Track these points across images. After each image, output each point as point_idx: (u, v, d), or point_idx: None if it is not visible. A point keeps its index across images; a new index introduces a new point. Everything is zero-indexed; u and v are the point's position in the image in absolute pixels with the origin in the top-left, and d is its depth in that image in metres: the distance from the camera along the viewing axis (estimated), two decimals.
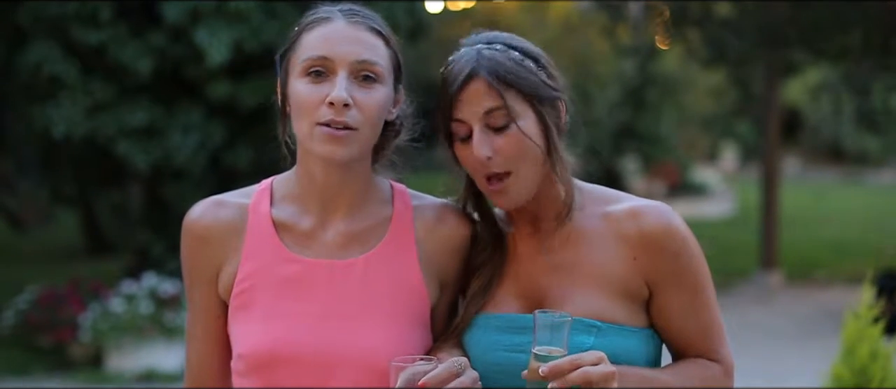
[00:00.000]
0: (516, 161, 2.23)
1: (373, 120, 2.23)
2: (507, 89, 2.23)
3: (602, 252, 2.28)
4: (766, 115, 15.41)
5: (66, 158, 12.05)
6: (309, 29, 2.26)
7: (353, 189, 2.32)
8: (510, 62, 2.25)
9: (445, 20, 17.50)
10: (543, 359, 2.07)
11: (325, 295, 2.28)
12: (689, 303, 2.29)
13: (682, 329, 2.30)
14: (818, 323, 11.97)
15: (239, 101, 9.98)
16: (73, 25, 9.80)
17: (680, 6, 13.46)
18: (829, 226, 20.60)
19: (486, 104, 2.22)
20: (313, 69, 2.22)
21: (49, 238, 17.88)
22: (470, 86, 2.23)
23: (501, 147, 2.22)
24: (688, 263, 2.27)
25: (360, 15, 2.27)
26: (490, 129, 2.23)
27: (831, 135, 31.08)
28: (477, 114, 2.23)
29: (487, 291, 2.34)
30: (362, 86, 2.22)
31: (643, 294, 2.28)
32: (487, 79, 2.22)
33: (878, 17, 11.63)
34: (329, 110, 2.18)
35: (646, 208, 2.28)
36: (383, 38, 2.27)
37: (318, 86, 2.21)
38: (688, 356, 2.32)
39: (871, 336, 4.12)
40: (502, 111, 2.22)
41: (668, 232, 2.26)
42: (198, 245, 2.35)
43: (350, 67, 2.21)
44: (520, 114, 2.23)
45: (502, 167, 2.23)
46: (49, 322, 9.95)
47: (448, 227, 2.37)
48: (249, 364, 2.27)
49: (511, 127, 2.23)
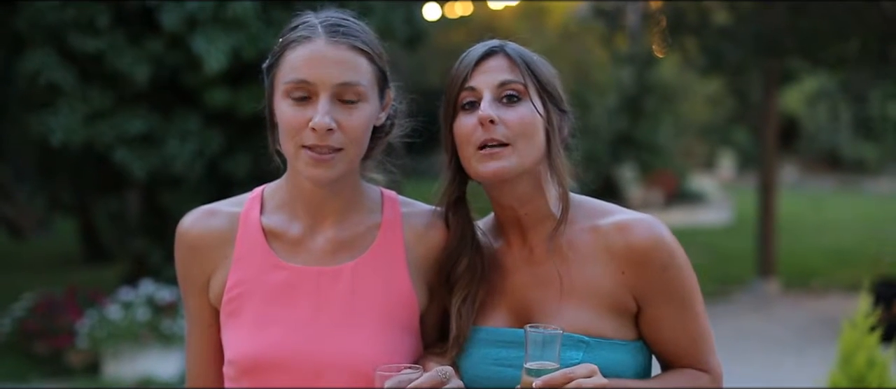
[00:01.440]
0: (518, 136, 2.24)
1: (357, 139, 2.24)
2: (528, 72, 2.27)
3: (591, 266, 2.28)
4: (763, 123, 15.42)
5: (64, 166, 12.05)
6: (292, 47, 2.26)
7: (342, 198, 2.33)
8: (535, 55, 2.32)
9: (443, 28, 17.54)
10: (536, 374, 2.08)
11: (314, 301, 2.29)
12: (677, 315, 2.29)
13: (671, 340, 2.31)
14: (815, 330, 11.97)
15: (237, 109, 9.97)
16: (70, 33, 9.80)
17: (677, 15, 13.47)
18: (826, 234, 20.61)
19: (504, 76, 2.26)
20: (295, 93, 2.22)
21: (46, 245, 17.88)
22: (491, 59, 2.28)
23: (508, 118, 2.24)
24: (676, 276, 2.27)
25: (341, 31, 2.25)
26: (499, 101, 2.25)
27: (828, 142, 31.12)
28: (491, 83, 2.26)
29: (476, 304, 2.33)
30: (345, 108, 2.22)
31: (632, 307, 2.29)
32: (512, 55, 2.28)
33: (875, 26, 11.64)
34: (312, 135, 2.20)
35: (633, 222, 2.28)
36: (365, 54, 2.26)
37: (301, 110, 2.21)
38: (677, 366, 2.33)
39: (868, 344, 4.13)
40: (519, 85, 2.25)
41: (656, 246, 2.26)
42: (189, 254, 2.38)
43: (332, 90, 2.21)
44: (532, 98, 2.27)
45: (504, 136, 2.23)
46: (46, 329, 9.94)
47: (437, 234, 2.38)
48: (239, 370, 2.29)
49: (523, 102, 2.25)
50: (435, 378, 2.11)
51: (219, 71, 9.57)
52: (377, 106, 2.29)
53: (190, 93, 10.24)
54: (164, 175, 10.30)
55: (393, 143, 2.43)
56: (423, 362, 2.30)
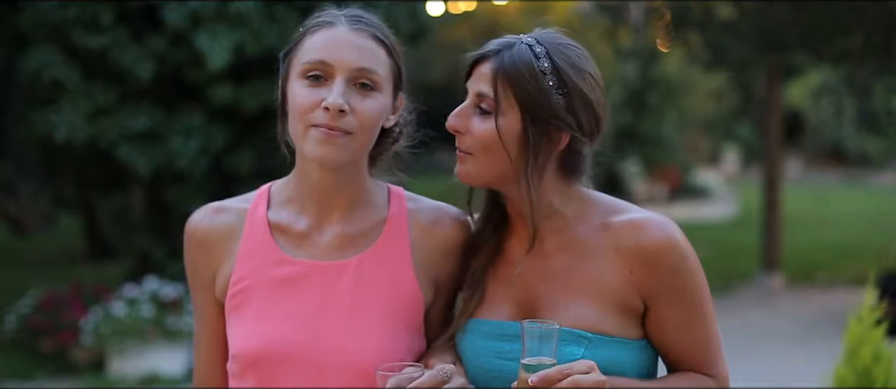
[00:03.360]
0: (480, 149, 2.24)
1: (368, 127, 2.24)
2: (506, 88, 2.23)
3: (599, 263, 2.26)
4: (767, 118, 15.41)
5: (68, 162, 12.04)
6: (312, 32, 2.28)
7: (348, 192, 2.33)
8: (528, 68, 2.23)
9: (446, 23, 17.52)
10: (532, 369, 2.06)
11: (318, 295, 2.29)
12: (685, 318, 2.27)
13: (677, 343, 2.28)
14: (820, 325, 11.96)
15: (240, 105, 9.97)
16: (74, 30, 9.80)
17: (681, 9, 13.45)
18: (830, 228, 20.58)
19: (481, 87, 2.25)
20: (312, 72, 2.23)
21: (51, 242, 17.89)
22: (480, 66, 2.27)
23: (475, 130, 2.25)
24: (686, 278, 2.25)
25: (363, 22, 2.28)
26: (476, 109, 2.26)
27: (833, 137, 31.10)
28: (472, 91, 2.27)
29: (481, 295, 2.33)
30: (360, 92, 2.23)
31: (639, 307, 2.27)
32: (494, 67, 2.24)
33: (879, 20, 11.61)
34: (324, 114, 2.20)
35: (645, 221, 2.26)
36: (385, 46, 2.28)
37: (315, 90, 2.22)
38: (683, 369, 2.31)
39: (873, 338, 4.13)
40: (489, 101, 2.24)
41: (667, 247, 2.24)
42: (198, 250, 2.38)
43: (348, 73, 2.22)
44: (504, 114, 2.23)
45: (466, 146, 2.26)
46: (51, 326, 9.94)
47: (443, 230, 2.38)
48: (242, 364, 2.29)
49: (491, 119, 2.24)
50: (437, 377, 2.10)
51: (222, 67, 9.57)
52: (389, 101, 2.29)
53: (193, 90, 10.24)
54: (168, 171, 10.31)
55: (399, 153, 2.43)
56: (425, 358, 2.29)
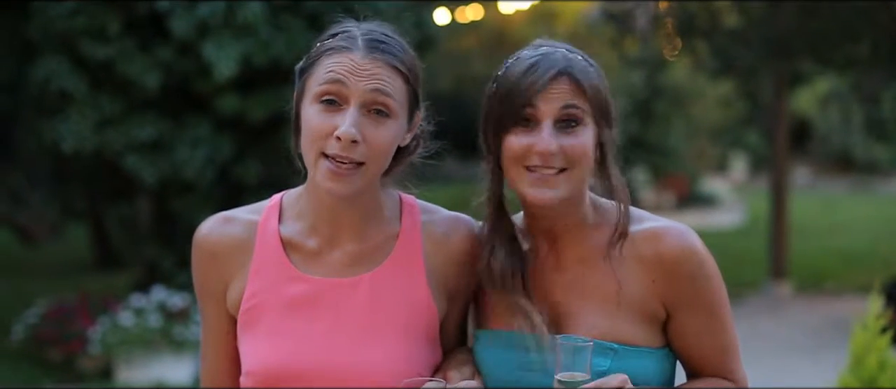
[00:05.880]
0: (576, 160, 2.23)
1: (381, 155, 2.23)
2: (587, 95, 2.24)
3: (620, 273, 2.27)
4: (775, 126, 15.38)
5: (76, 172, 12.09)
6: (329, 54, 2.24)
7: (361, 209, 2.31)
8: (593, 72, 2.28)
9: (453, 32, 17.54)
10: (567, 385, 2.08)
11: (332, 313, 2.28)
12: (705, 325, 2.29)
13: (698, 349, 2.31)
14: (828, 333, 11.93)
15: (247, 115, 9.98)
16: (81, 40, 9.83)
17: (688, 18, 13.46)
18: (838, 236, 20.53)
19: (567, 99, 2.22)
20: (326, 97, 2.21)
21: (58, 252, 17.91)
22: (558, 82, 2.23)
23: (567, 144, 2.22)
24: (706, 286, 2.28)
25: (380, 48, 2.23)
26: (559, 125, 2.22)
27: (841, 144, 30.99)
28: (554, 109, 2.22)
29: (498, 306, 2.32)
30: (374, 120, 2.21)
31: (661, 315, 2.28)
32: (577, 78, 2.23)
33: (886, 27, 11.61)
34: (336, 144, 2.18)
35: (665, 230, 2.28)
36: (402, 74, 2.24)
37: (329, 116, 2.20)
38: (703, 375, 2.33)
39: (879, 346, 4.12)
40: (579, 110, 2.23)
41: (687, 256, 2.26)
42: (207, 261, 2.36)
43: (363, 101, 2.20)
44: (588, 126, 2.25)
45: (562, 163, 2.22)
46: (59, 335, 9.96)
47: (457, 241, 2.36)
48: (256, 382, 2.28)
49: (581, 128, 2.24)
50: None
51: (229, 77, 9.58)
52: (404, 126, 2.27)
53: (200, 100, 10.26)
54: (175, 181, 10.32)
55: (414, 163, 2.41)
56: (442, 370, 2.29)
